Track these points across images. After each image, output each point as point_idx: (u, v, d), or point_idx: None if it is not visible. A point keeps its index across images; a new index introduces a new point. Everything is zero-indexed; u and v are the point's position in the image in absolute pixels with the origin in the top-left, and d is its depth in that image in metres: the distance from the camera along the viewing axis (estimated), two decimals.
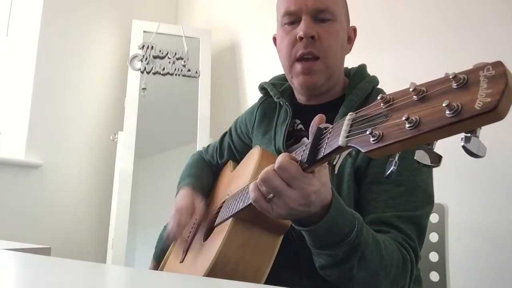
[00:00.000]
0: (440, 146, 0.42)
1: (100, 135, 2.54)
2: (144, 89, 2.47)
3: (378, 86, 0.95)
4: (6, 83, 2.31)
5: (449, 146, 0.58)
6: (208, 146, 1.29)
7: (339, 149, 0.52)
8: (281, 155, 0.62)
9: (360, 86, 0.92)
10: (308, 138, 0.90)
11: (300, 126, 0.98)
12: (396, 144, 0.43)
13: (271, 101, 1.06)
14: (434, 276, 1.09)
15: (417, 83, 0.44)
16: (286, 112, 0.99)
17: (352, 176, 0.84)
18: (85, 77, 2.52)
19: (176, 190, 1.14)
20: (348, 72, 1.00)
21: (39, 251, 0.73)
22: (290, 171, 0.60)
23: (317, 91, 0.95)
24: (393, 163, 0.46)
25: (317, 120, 0.62)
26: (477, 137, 0.38)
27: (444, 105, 0.38)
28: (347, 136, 0.50)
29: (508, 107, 0.36)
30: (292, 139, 0.96)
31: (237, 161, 1.16)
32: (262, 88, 1.09)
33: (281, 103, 1.01)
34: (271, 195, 0.63)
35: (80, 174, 2.44)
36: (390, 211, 0.78)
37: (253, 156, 0.94)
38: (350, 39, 0.98)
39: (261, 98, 1.11)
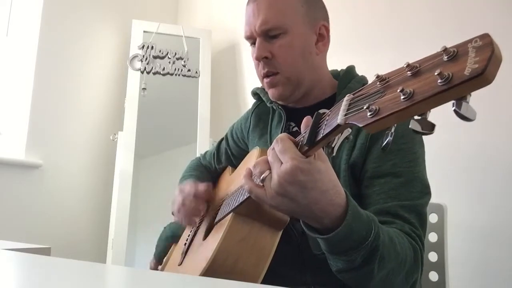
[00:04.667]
0: (440, 146, 0.43)
1: (100, 135, 2.54)
2: (144, 89, 2.47)
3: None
4: (6, 83, 2.31)
5: (448, 147, 0.58)
6: (206, 152, 1.30)
7: (338, 128, 0.54)
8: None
9: (349, 86, 0.93)
10: None
11: (296, 128, 0.99)
12: (391, 116, 0.45)
13: (265, 105, 1.08)
14: (434, 276, 1.10)
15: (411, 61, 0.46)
16: (280, 115, 1.01)
17: (347, 171, 0.85)
18: (85, 77, 2.52)
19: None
20: (337, 74, 1.01)
21: (39, 251, 0.73)
22: (285, 143, 0.61)
23: (291, 99, 0.97)
24: (389, 134, 0.48)
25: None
26: (467, 102, 0.41)
27: (435, 74, 0.41)
28: (345, 115, 0.52)
29: (495, 72, 0.39)
30: None
31: (234, 167, 1.17)
32: (255, 93, 1.11)
33: (274, 107, 1.03)
34: (265, 173, 0.63)
35: (80, 174, 2.45)
36: (392, 201, 0.80)
37: (252, 156, 0.94)
38: (322, 37, 0.96)
39: (254, 103, 1.13)
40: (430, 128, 0.44)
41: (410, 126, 0.44)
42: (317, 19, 0.95)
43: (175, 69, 2.53)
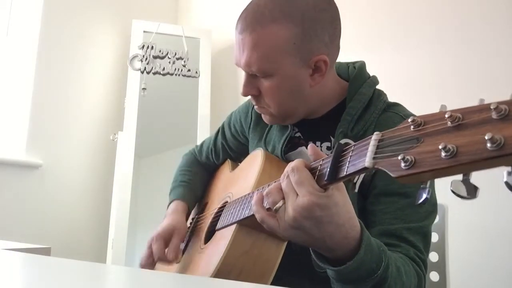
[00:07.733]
0: None
1: (100, 135, 2.54)
2: (144, 89, 2.47)
3: (377, 87, 0.93)
4: (6, 83, 2.31)
5: None
6: (202, 145, 1.25)
7: (364, 170, 0.50)
8: (296, 160, 0.61)
9: (361, 91, 0.89)
10: (306, 148, 0.89)
11: (299, 134, 0.95)
12: (430, 172, 0.41)
13: None
14: (434, 276, 1.09)
15: (448, 108, 0.42)
16: None
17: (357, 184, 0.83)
18: (85, 77, 2.52)
19: (169, 199, 1.12)
20: (346, 73, 0.96)
21: (39, 251, 0.73)
22: (301, 174, 0.58)
23: (287, 123, 0.93)
24: (426, 191, 0.44)
25: (311, 151, 0.62)
26: None
27: (487, 138, 0.37)
28: (374, 158, 0.48)
29: None
30: (289, 145, 0.94)
31: (233, 160, 1.14)
32: None
33: None
34: (279, 204, 0.61)
35: (80, 174, 2.44)
36: (398, 223, 0.78)
37: (256, 158, 0.92)
38: (319, 69, 0.84)
39: None
40: (473, 192, 0.40)
41: (451, 188, 0.40)
42: (313, 52, 0.82)
43: (175, 69, 2.53)
